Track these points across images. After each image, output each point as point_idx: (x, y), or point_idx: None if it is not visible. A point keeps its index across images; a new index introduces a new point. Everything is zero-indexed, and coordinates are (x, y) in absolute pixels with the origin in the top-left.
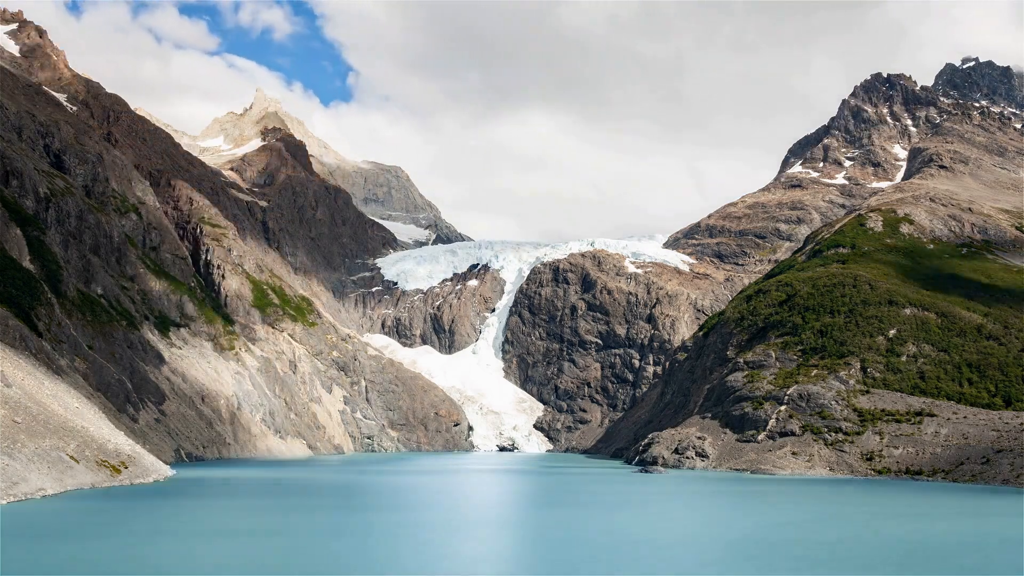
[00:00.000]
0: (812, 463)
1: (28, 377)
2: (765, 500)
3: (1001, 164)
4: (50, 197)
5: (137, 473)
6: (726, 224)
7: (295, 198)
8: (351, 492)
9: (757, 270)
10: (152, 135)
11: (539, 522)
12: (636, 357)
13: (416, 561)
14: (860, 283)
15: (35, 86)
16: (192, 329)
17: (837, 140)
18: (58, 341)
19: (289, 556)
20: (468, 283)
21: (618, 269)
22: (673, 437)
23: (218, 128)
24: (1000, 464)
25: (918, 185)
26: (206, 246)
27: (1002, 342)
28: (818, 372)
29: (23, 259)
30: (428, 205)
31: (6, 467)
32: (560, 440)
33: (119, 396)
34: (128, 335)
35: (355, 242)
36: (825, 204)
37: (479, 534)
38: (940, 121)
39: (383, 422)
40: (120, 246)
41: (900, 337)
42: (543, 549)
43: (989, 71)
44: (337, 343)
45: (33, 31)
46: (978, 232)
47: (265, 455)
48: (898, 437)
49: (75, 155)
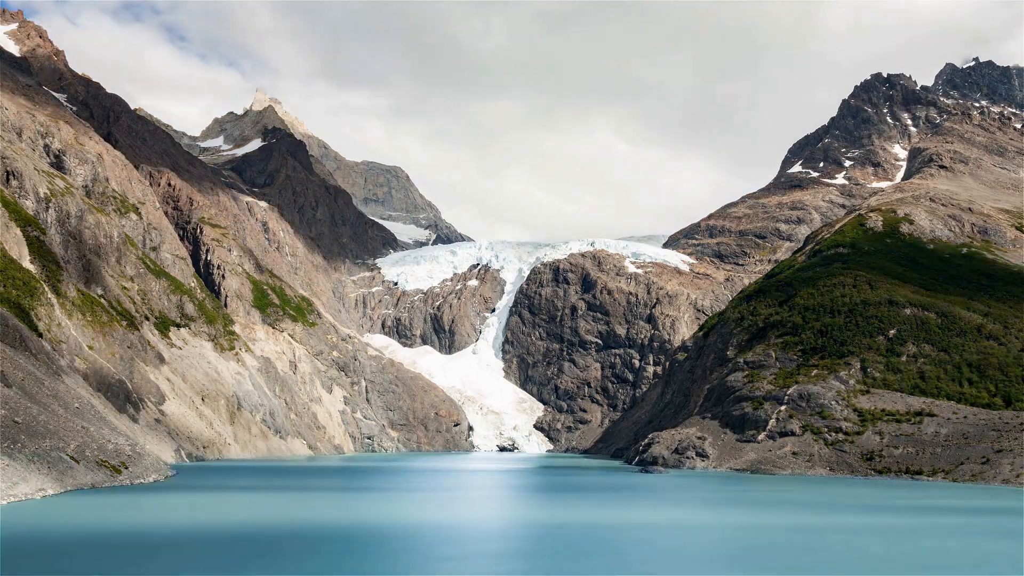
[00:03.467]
0: (812, 463)
1: (28, 377)
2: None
3: (1001, 164)
4: (50, 197)
5: (137, 473)
6: (726, 224)
7: (295, 198)
8: (346, 485)
9: (757, 270)
10: (152, 135)
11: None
12: (636, 357)
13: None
14: (860, 283)
15: (35, 86)
16: (192, 329)
17: (837, 140)
18: (58, 341)
19: (293, 557)
20: (468, 283)
21: (618, 269)
22: (673, 437)
23: (218, 128)
24: (1000, 464)
25: (918, 185)
26: (206, 246)
27: (1002, 342)
28: (818, 372)
29: (23, 259)
30: (428, 205)
31: (6, 467)
32: (560, 440)
33: (119, 396)
34: (128, 335)
35: (355, 242)
36: (825, 204)
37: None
38: (940, 121)
39: (383, 422)
40: (120, 246)
41: (900, 337)
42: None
43: (989, 71)
44: (337, 343)
45: (33, 31)
46: (978, 232)
47: (265, 455)
48: (898, 437)
49: (75, 155)
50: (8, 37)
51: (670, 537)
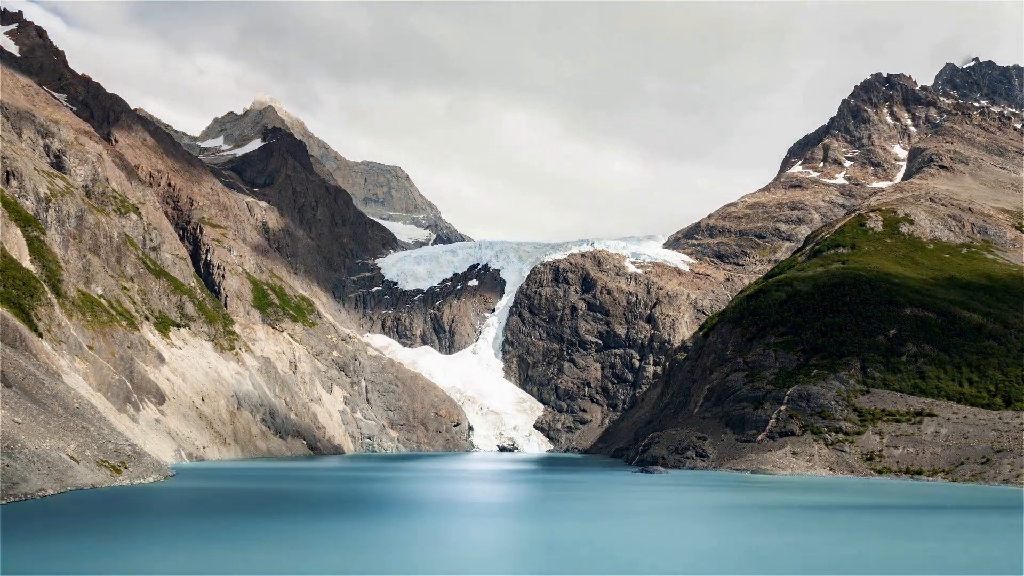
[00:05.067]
0: (812, 463)
1: (28, 377)
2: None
3: (1001, 164)
4: (50, 197)
5: (137, 473)
6: (726, 224)
7: (295, 198)
8: (347, 494)
9: (757, 270)
10: (152, 135)
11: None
12: (636, 357)
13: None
14: (860, 283)
15: (35, 86)
16: (192, 329)
17: (837, 140)
18: (58, 341)
19: (291, 557)
20: (468, 283)
21: (618, 269)
22: (673, 437)
23: (218, 128)
24: (1000, 464)
25: (918, 185)
26: (206, 246)
27: (1002, 342)
28: (818, 372)
29: (23, 259)
30: (428, 205)
31: (6, 467)
32: (560, 440)
33: (119, 396)
34: (128, 335)
35: (355, 242)
36: (825, 204)
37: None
38: (940, 121)
39: (383, 422)
40: (120, 246)
41: (900, 337)
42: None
43: (989, 71)
44: (337, 343)
45: (33, 31)
46: (978, 232)
47: (265, 455)
48: (898, 437)
49: (75, 155)
50: (8, 37)
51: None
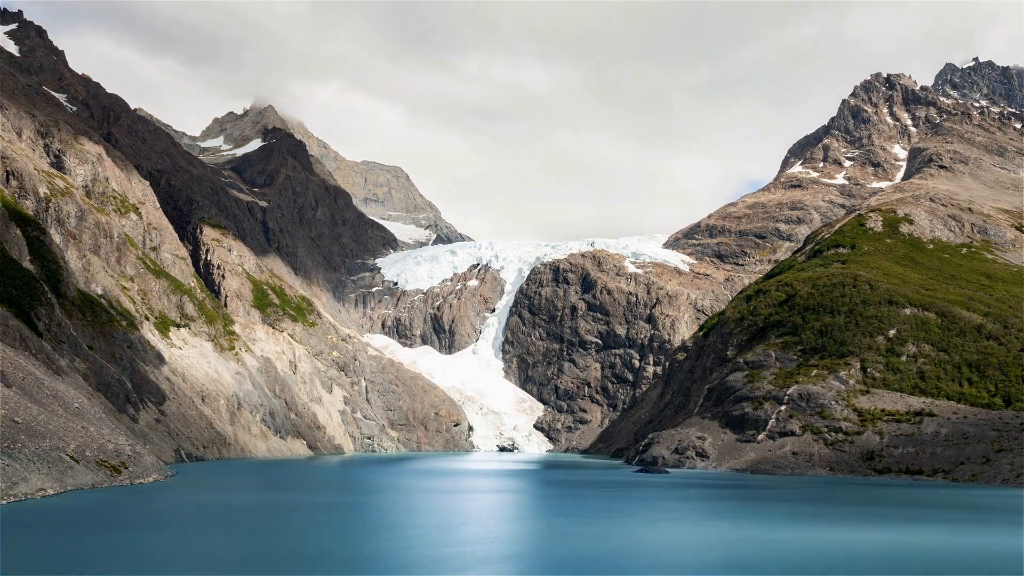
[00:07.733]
0: (812, 463)
1: (28, 377)
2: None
3: (1001, 164)
4: (50, 197)
5: (137, 473)
6: (726, 224)
7: (295, 198)
8: (342, 485)
9: (757, 270)
10: (152, 135)
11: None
12: (636, 357)
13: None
14: (860, 283)
15: (35, 86)
16: (192, 329)
17: (837, 140)
18: (58, 341)
19: (289, 555)
20: (468, 283)
21: (618, 269)
22: (673, 437)
23: (218, 128)
24: (1000, 464)
25: (918, 185)
26: (206, 246)
27: (1002, 342)
28: (818, 372)
29: (23, 259)
30: (428, 205)
31: (6, 467)
32: (560, 440)
33: (119, 396)
34: (128, 335)
35: (355, 242)
36: (825, 204)
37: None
38: (940, 121)
39: (383, 422)
40: (120, 246)
41: (900, 337)
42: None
43: (989, 71)
44: (337, 343)
45: (33, 31)
46: (978, 232)
47: (265, 455)
48: (898, 437)
49: (75, 155)
50: (8, 37)
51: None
